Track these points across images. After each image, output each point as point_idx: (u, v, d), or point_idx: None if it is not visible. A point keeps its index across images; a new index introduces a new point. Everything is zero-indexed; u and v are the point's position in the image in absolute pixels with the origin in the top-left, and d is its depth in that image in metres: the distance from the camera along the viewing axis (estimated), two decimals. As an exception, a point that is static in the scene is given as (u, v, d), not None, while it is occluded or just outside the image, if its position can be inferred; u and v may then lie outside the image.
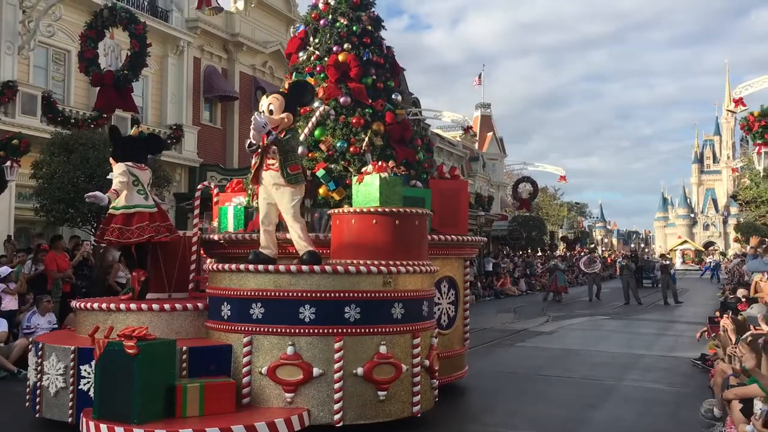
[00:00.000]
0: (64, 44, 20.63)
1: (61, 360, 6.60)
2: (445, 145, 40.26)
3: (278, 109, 6.99)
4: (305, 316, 6.60)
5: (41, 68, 20.56)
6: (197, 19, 24.52)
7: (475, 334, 15.10)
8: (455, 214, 8.73)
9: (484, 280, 30.14)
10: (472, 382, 9.43)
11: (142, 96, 23.45)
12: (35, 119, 18.88)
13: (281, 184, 6.96)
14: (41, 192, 15.12)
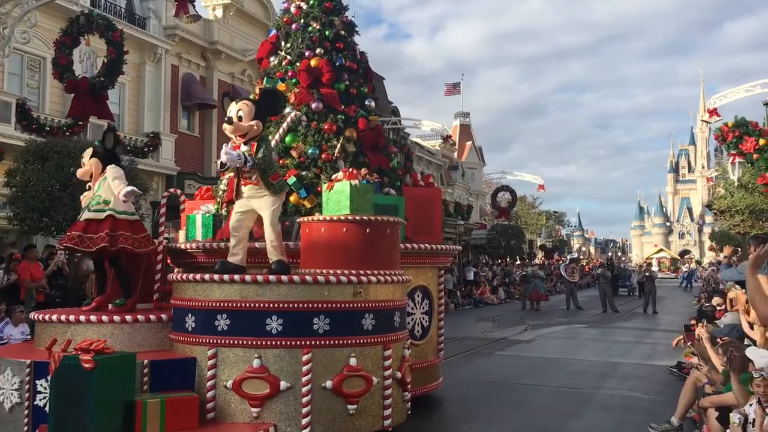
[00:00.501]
0: (39, 51, 20.25)
1: (16, 374, 6.26)
2: (425, 154, 40.10)
3: (247, 115, 6.69)
4: (272, 328, 6.32)
5: (16, 75, 20.19)
6: (175, 27, 24.20)
7: (454, 343, 14.97)
8: (429, 222, 8.50)
9: (464, 288, 29.96)
10: (450, 392, 9.24)
11: (119, 103, 23.09)
12: (9, 127, 18.47)
13: (263, 194, 6.70)
14: (15, 200, 14.76)
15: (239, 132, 6.67)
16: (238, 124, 6.65)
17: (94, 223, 6.85)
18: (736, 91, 18.05)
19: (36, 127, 19.17)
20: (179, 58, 25.38)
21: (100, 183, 7.04)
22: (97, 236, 6.76)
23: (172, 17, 23.01)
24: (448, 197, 41.21)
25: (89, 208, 6.95)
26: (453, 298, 27.44)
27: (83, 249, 6.83)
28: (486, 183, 53.38)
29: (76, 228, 6.89)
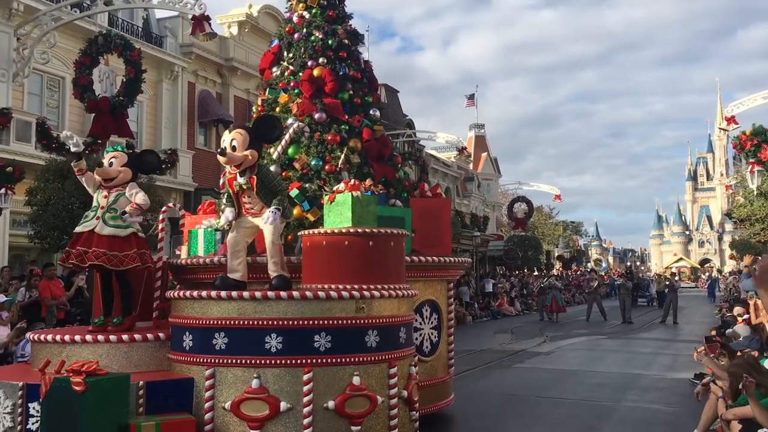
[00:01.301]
0: (58, 71, 20.28)
1: (8, 397, 5.98)
2: (440, 166, 39.75)
3: (241, 145, 6.34)
4: (271, 346, 6.00)
5: (36, 95, 20.23)
6: (191, 45, 24.18)
7: (472, 356, 14.72)
8: (438, 234, 8.16)
9: (481, 300, 29.55)
10: (467, 406, 9.04)
11: (137, 121, 23.07)
12: (30, 146, 18.47)
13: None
14: (36, 219, 14.73)
15: (233, 162, 6.36)
16: (231, 154, 6.33)
17: (118, 241, 6.50)
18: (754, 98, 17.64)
19: (56, 146, 19.14)
20: (196, 76, 25.37)
21: (118, 196, 6.67)
22: (123, 254, 6.45)
23: (188, 35, 22.95)
24: (464, 209, 40.82)
25: (106, 222, 6.53)
26: (470, 310, 27.04)
27: (111, 267, 6.50)
28: (502, 194, 52.89)
29: (95, 244, 6.44)
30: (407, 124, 33.38)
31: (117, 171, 6.64)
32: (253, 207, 6.45)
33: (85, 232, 6.51)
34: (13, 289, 13.71)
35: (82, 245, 6.45)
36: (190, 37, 23.02)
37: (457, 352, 15.15)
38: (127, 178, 6.69)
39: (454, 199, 40.67)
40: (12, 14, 18.65)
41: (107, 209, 6.57)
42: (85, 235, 6.50)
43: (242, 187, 6.41)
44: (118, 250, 6.44)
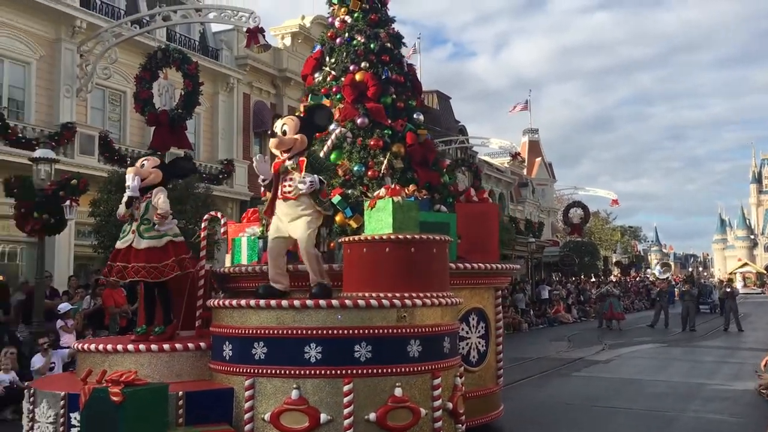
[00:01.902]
0: (119, 86, 20.72)
1: (51, 407, 5.94)
2: (494, 172, 39.22)
3: (292, 130, 6.30)
4: (311, 356, 5.81)
5: (98, 109, 20.72)
6: (246, 57, 24.42)
7: (528, 364, 14.38)
8: (485, 240, 7.85)
9: (537, 307, 28.95)
10: (523, 416, 8.80)
11: (195, 133, 23.38)
12: (93, 159, 18.92)
13: (300, 214, 6.24)
14: (99, 229, 15.10)
15: (283, 146, 6.28)
16: (281, 137, 6.26)
17: (155, 252, 6.42)
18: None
19: (118, 159, 19.57)
20: (250, 87, 25.62)
21: (147, 205, 6.56)
22: (162, 265, 6.37)
23: (243, 48, 23.20)
24: (519, 214, 40.19)
25: (141, 235, 6.46)
26: (526, 317, 26.51)
27: (152, 280, 6.44)
28: (557, 199, 51.93)
29: (134, 258, 6.39)
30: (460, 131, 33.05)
31: (148, 171, 6.55)
32: (291, 192, 6.26)
33: (124, 248, 6.47)
34: (78, 298, 14.00)
35: (122, 260, 6.42)
36: (245, 50, 23.21)
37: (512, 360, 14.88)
38: (157, 179, 6.60)
39: (508, 205, 40.08)
40: (75, 32, 19.14)
41: (141, 221, 6.50)
42: (124, 250, 6.47)
43: (288, 168, 6.24)
44: (156, 261, 6.37)
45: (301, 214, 6.24)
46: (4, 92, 18.20)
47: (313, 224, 6.31)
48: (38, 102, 18.71)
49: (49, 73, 18.87)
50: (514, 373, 12.91)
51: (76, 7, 19.07)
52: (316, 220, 6.35)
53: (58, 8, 18.53)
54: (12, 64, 18.30)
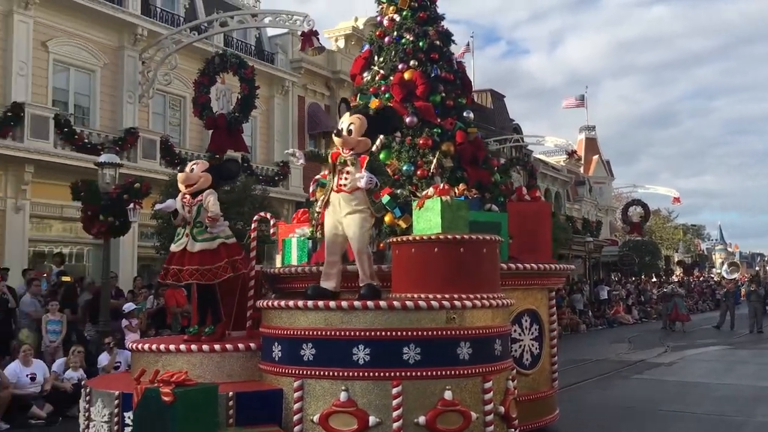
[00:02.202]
0: (179, 91, 21.14)
1: (106, 406, 6.00)
2: (549, 170, 38.52)
3: (358, 130, 6.13)
4: (359, 358, 5.71)
5: (159, 114, 21.21)
6: (301, 60, 24.61)
7: (586, 366, 14.06)
8: (537, 240, 7.64)
9: (596, 308, 28.31)
10: (581, 418, 8.62)
11: (251, 135, 23.66)
12: (155, 162, 19.35)
13: (354, 209, 6.12)
14: (161, 231, 15.45)
15: (347, 146, 6.15)
16: (346, 137, 6.13)
17: (208, 254, 6.44)
18: None
19: (178, 162, 19.94)
20: (305, 89, 25.79)
21: (199, 208, 6.57)
22: (215, 267, 6.38)
23: (297, 51, 23.41)
24: (576, 213, 39.39)
25: (195, 238, 6.50)
26: (584, 318, 25.95)
27: (206, 282, 6.46)
28: (615, 197, 50.71)
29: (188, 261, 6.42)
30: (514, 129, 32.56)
31: (198, 176, 6.57)
32: (347, 185, 6.14)
33: (179, 251, 6.50)
34: (142, 298, 14.30)
35: (177, 263, 6.47)
36: (300, 53, 23.42)
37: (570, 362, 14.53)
38: (206, 183, 6.60)
39: (565, 204, 39.31)
40: (137, 39, 19.60)
41: (194, 224, 6.52)
42: (179, 254, 6.52)
43: (346, 161, 6.14)
44: (210, 263, 6.38)
45: (355, 209, 6.11)
46: (71, 99, 18.76)
47: (366, 222, 6.18)
48: (103, 108, 19.23)
49: (113, 80, 19.37)
50: (572, 375, 12.61)
51: (137, 15, 19.54)
52: (369, 219, 6.22)
53: (120, 17, 19.02)
54: (78, 72, 18.86)
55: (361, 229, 6.13)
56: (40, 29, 17.55)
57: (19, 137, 16.31)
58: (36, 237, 17.45)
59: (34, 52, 17.40)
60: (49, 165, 16.69)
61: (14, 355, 10.58)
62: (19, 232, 16.72)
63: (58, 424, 9.32)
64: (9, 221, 16.55)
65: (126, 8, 19.26)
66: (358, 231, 6.13)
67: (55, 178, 16.41)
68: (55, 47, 18.02)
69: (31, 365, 10.43)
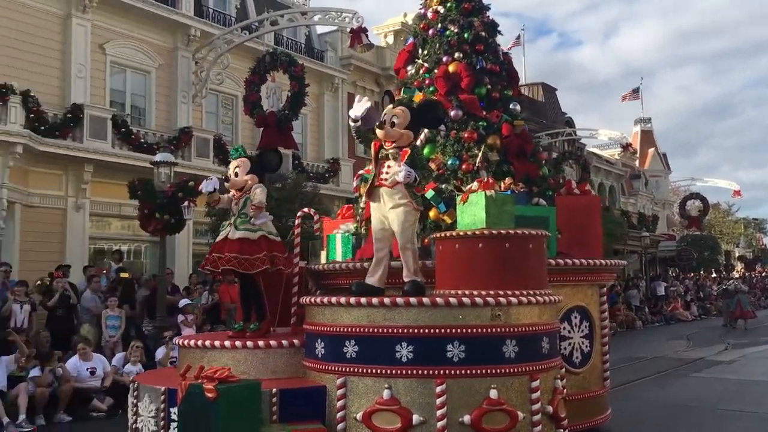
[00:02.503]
0: (231, 90, 21.32)
1: (153, 401, 6.01)
2: (603, 164, 37.59)
3: (402, 123, 6.01)
4: (402, 356, 5.57)
5: (212, 113, 21.44)
6: (350, 57, 24.59)
7: (643, 364, 13.69)
8: (587, 235, 7.36)
9: (653, 305, 27.55)
10: (638, 416, 8.38)
11: (302, 133, 23.77)
12: (208, 161, 19.56)
13: (397, 202, 5.98)
14: (214, 228, 15.47)
15: (390, 138, 6.03)
16: (389, 129, 6.01)
17: (248, 243, 6.39)
18: None
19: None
20: (354, 86, 25.74)
21: (246, 200, 6.54)
22: (254, 257, 6.34)
23: (347, 48, 23.41)
24: (631, 208, 38.40)
25: (236, 227, 6.48)
26: (640, 314, 25.28)
27: (241, 271, 6.41)
28: (672, 191, 49.26)
29: (227, 249, 6.41)
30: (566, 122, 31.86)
31: (243, 180, 6.53)
32: (387, 179, 6.01)
33: (220, 240, 6.49)
34: (197, 294, 14.48)
35: (217, 251, 6.43)
36: (349, 50, 23.41)
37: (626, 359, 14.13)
38: (254, 184, 6.55)
39: (619, 199, 38.37)
40: (190, 40, 19.85)
41: (238, 215, 6.50)
42: (220, 242, 6.50)
43: (389, 155, 6.01)
44: (248, 253, 6.32)
45: (398, 202, 5.97)
46: (127, 100, 19.12)
47: (411, 217, 6.03)
48: (158, 108, 19.55)
49: (168, 81, 19.66)
50: (628, 372, 12.25)
51: (190, 16, 19.79)
52: (413, 212, 6.08)
53: (174, 18, 19.28)
54: (134, 74, 19.20)
55: (405, 223, 6.00)
56: (97, 32, 17.92)
57: (79, 138, 16.66)
58: (96, 235, 17.83)
59: (92, 55, 17.78)
60: (108, 164, 17.02)
61: (75, 350, 10.81)
62: (79, 230, 17.10)
63: (118, 416, 9.45)
64: (70, 219, 16.93)
65: (179, 10, 19.51)
66: (403, 225, 5.99)
67: (113, 177, 16.73)
68: (112, 49, 18.38)
69: (90, 360, 10.67)
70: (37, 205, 16.24)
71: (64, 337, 11.72)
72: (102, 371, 10.68)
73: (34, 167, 16.03)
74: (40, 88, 16.26)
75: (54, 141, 16.08)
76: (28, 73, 16.24)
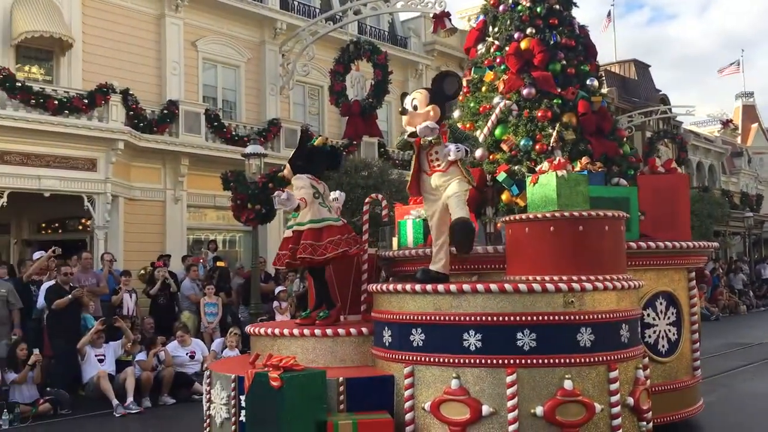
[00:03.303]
0: (317, 81, 21.36)
1: (224, 389, 5.95)
2: (701, 142, 35.43)
3: (422, 103, 5.76)
4: (470, 344, 5.27)
5: (299, 104, 21.54)
6: (434, 42, 24.19)
7: (746, 351, 12.86)
8: (673, 216, 6.77)
9: (759, 288, 25.85)
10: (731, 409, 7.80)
11: (387, 121, 23.58)
12: (296, 151, 19.63)
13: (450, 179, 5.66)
14: (303, 216, 15.60)
15: (416, 121, 5.74)
16: (412, 113, 5.75)
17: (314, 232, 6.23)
18: None
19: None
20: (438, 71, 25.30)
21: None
22: (319, 245, 6.20)
23: (430, 34, 23.03)
24: (733, 187, 36.11)
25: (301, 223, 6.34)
26: (744, 299, 23.76)
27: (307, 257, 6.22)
28: (779, 168, 45.98)
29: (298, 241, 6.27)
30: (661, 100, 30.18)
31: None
32: (441, 163, 5.73)
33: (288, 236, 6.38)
34: (289, 282, 14.61)
35: (284, 248, 6.33)
36: (432, 35, 23.01)
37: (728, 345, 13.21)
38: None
39: (720, 178, 36.14)
40: (276, 33, 20.01)
41: None
42: (287, 239, 6.38)
43: (431, 141, 5.73)
44: (313, 240, 6.16)
45: (452, 179, 5.68)
46: (219, 94, 19.48)
47: (464, 186, 5.70)
48: (247, 101, 19.82)
49: (256, 74, 19.90)
50: (730, 360, 11.45)
51: (277, 10, 19.93)
52: (467, 185, 5.75)
53: (262, 13, 19.46)
54: (224, 69, 19.53)
55: (458, 187, 5.62)
56: (189, 30, 18.30)
57: (175, 132, 17.07)
58: (193, 225, 18.27)
59: (184, 52, 18.18)
60: (202, 157, 17.36)
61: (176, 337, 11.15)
62: (177, 221, 17.57)
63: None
64: (169, 211, 17.41)
65: (266, 4, 19.68)
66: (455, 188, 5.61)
67: (207, 170, 17.05)
68: (204, 46, 18.74)
69: (189, 344, 10.95)
70: (138, 198, 16.77)
71: (166, 324, 12.10)
72: (201, 356, 10.93)
73: (135, 162, 16.55)
74: (138, 86, 16.73)
75: (152, 136, 16.51)
76: (127, 72, 16.78)
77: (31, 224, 17.08)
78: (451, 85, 5.87)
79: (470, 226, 5.51)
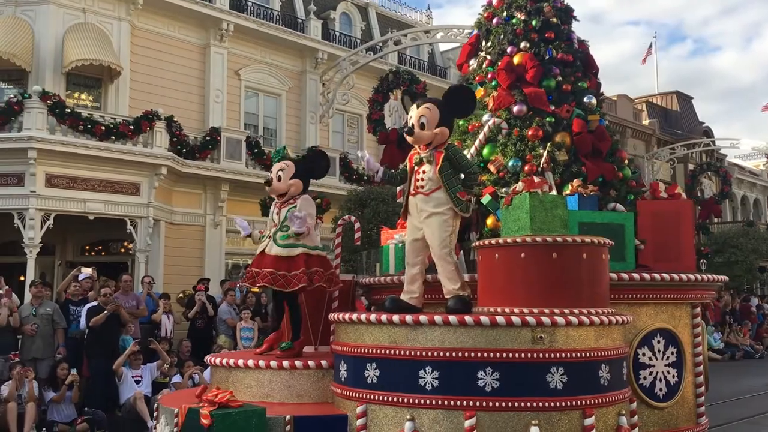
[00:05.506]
0: (356, 109, 20.95)
1: (168, 423, 5.29)
2: (746, 176, 33.28)
3: (431, 122, 5.05)
4: (426, 383, 4.49)
5: (338, 132, 21.17)
6: (472, 72, 23.49)
7: None
8: (676, 245, 5.83)
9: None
10: None
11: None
12: (334, 179, 19.19)
13: (432, 211, 5.02)
14: (341, 243, 15.11)
15: (422, 141, 5.13)
16: (419, 133, 5.07)
17: (286, 260, 5.54)
18: None
19: (356, 178, 19.72)
20: (478, 101, 24.62)
21: (289, 210, 5.65)
22: (291, 275, 5.48)
23: (470, 66, 22.39)
24: (783, 219, 33.79)
25: (276, 242, 5.62)
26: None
27: (277, 288, 5.58)
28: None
29: (264, 264, 5.57)
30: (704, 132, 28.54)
31: (287, 185, 5.67)
32: (424, 186, 5.05)
33: (258, 254, 5.67)
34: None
35: (255, 266, 5.61)
36: (471, 66, 22.36)
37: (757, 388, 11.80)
38: (298, 190, 5.70)
39: (766, 212, 33.87)
40: (318, 63, 19.74)
41: (279, 227, 5.63)
42: (258, 256, 5.66)
43: (423, 160, 5.09)
44: (285, 269, 5.45)
45: (434, 211, 5.01)
46: (260, 122, 19.23)
47: (448, 225, 5.01)
48: (288, 129, 19.52)
49: (297, 102, 19.64)
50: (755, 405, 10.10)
51: (318, 40, 19.68)
52: (452, 221, 5.03)
53: (303, 43, 19.23)
54: (266, 97, 19.31)
55: (440, 231, 4.96)
56: (232, 59, 18.16)
57: (216, 159, 16.83)
58: (231, 250, 17.89)
59: (228, 81, 18.03)
60: (242, 183, 17.06)
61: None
62: (216, 245, 17.27)
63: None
64: (208, 236, 17.14)
65: (308, 35, 19.45)
66: (438, 236, 4.96)
67: (246, 195, 16.70)
68: (246, 75, 18.57)
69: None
70: (179, 223, 16.52)
71: (203, 347, 11.62)
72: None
73: (177, 187, 16.34)
74: (182, 113, 16.58)
75: (194, 162, 16.30)
76: (171, 100, 16.67)
77: (75, 246, 16.99)
78: (464, 102, 5.21)
79: (469, 307, 4.91)
